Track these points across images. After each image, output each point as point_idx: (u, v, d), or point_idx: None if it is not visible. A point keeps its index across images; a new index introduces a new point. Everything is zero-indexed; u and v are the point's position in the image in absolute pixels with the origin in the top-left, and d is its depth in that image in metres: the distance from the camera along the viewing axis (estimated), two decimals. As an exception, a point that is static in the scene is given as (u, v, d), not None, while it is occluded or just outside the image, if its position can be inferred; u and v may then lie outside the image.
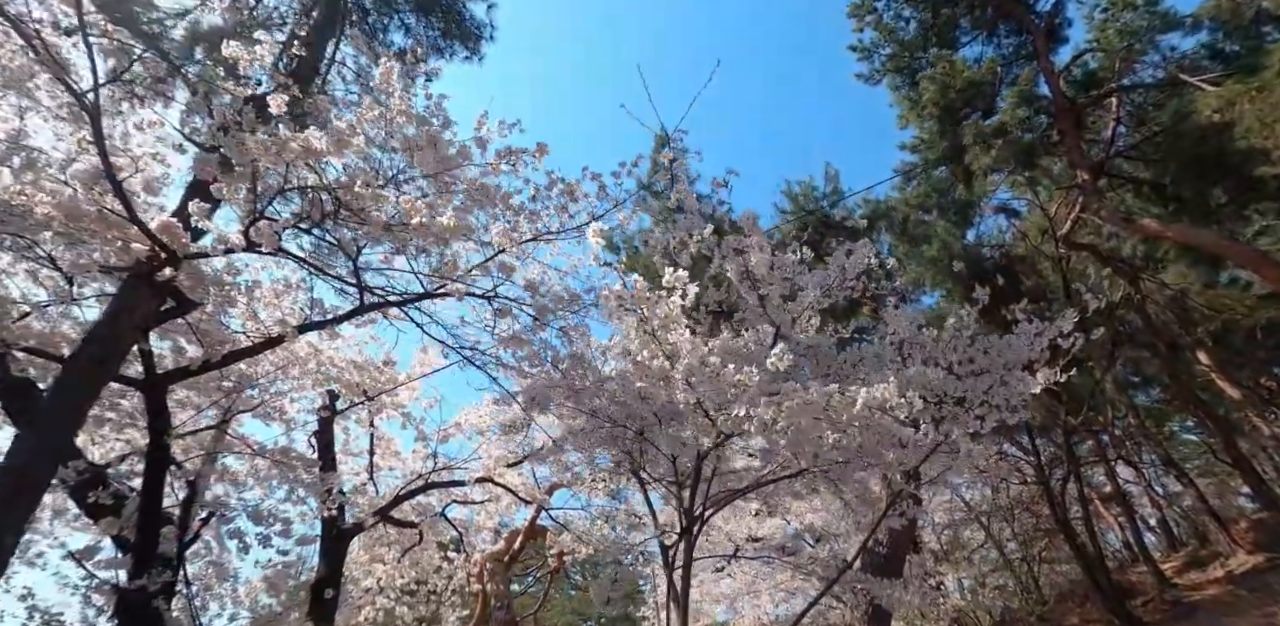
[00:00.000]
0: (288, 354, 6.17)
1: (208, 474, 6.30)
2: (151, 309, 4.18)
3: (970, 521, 14.40)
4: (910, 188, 11.37)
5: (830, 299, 4.18)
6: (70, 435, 3.80)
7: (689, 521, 2.94)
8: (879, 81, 12.13)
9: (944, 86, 9.35)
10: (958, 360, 3.48)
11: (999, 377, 3.74)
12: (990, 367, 3.50)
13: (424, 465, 6.99)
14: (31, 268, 5.41)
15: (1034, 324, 3.60)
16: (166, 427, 4.57)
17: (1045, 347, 3.72)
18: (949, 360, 3.39)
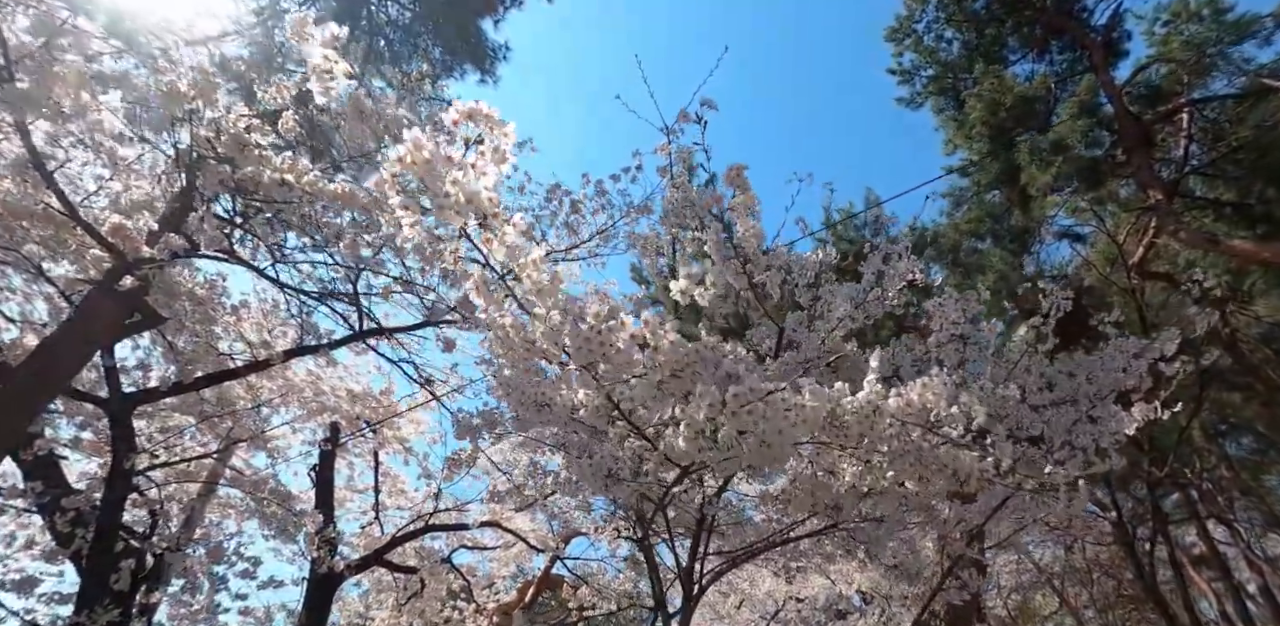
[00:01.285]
0: (284, 382, 5.81)
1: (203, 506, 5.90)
2: (114, 321, 3.87)
3: (1041, 585, 12.80)
4: (960, 213, 10.62)
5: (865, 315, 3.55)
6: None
7: (686, 588, 2.29)
8: (921, 104, 11.61)
9: (993, 104, 8.74)
10: (1033, 384, 2.76)
11: (1084, 411, 3.00)
12: (1076, 395, 2.77)
13: (429, 505, 6.45)
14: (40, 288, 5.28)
15: (1128, 339, 2.87)
16: (131, 452, 4.19)
17: (1144, 373, 2.98)
18: (1021, 382, 2.69)
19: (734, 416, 0.98)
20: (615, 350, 1.04)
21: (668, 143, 3.00)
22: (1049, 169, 7.99)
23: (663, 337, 1.06)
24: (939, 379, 1.18)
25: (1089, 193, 8.76)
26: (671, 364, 1.00)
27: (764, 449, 0.96)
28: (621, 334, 1.05)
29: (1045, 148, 8.13)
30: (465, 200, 1.05)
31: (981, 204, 10.15)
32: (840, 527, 2.25)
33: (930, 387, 1.21)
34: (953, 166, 10.43)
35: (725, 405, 0.97)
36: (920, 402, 1.20)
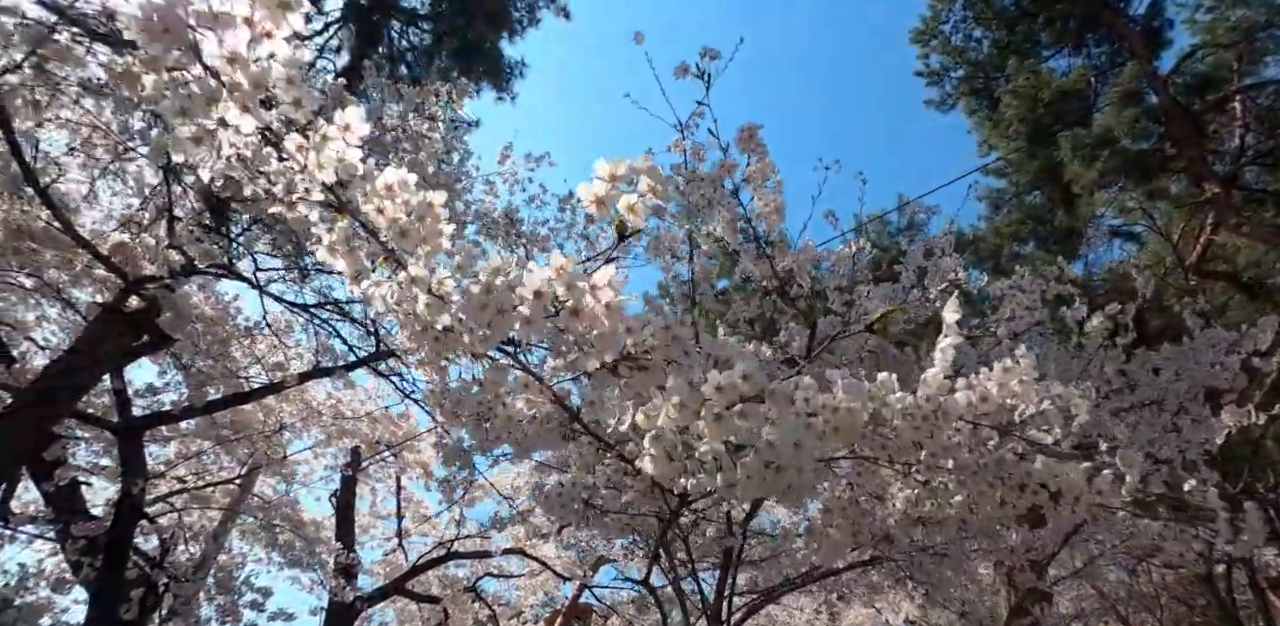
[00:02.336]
0: (303, 405, 5.70)
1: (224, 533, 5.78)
2: (122, 344, 3.78)
3: (1105, 612, 11.79)
4: (1000, 216, 10.15)
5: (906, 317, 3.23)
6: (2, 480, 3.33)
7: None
8: (952, 106, 11.24)
9: (1030, 100, 8.35)
10: (1109, 384, 2.40)
11: (1169, 417, 2.63)
12: (1164, 396, 2.41)
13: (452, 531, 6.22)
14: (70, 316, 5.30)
15: (1216, 330, 2.50)
16: (140, 477, 4.07)
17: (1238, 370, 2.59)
18: (1096, 381, 2.33)
19: (719, 421, 0.64)
20: (522, 321, 0.74)
21: (681, 138, 2.78)
22: (1094, 164, 7.54)
23: (597, 298, 0.71)
24: (1026, 361, 0.90)
25: (1138, 188, 8.24)
26: (610, 341, 0.72)
27: (772, 472, 0.64)
28: (523, 291, 0.73)
29: (1089, 142, 7.69)
30: (251, 84, 0.64)
31: (1022, 205, 9.68)
32: (889, 559, 1.93)
33: (1015, 373, 0.89)
34: (989, 166, 10.00)
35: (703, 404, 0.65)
36: (1000, 396, 0.90)
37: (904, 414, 0.87)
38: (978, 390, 0.90)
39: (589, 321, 0.67)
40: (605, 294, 0.67)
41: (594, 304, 0.67)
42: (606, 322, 0.68)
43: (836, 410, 0.79)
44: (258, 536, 5.14)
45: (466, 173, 5.48)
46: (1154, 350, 2.51)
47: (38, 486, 4.22)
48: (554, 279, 0.66)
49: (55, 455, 4.24)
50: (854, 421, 0.78)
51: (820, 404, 0.78)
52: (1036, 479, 0.89)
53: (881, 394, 0.89)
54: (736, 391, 0.62)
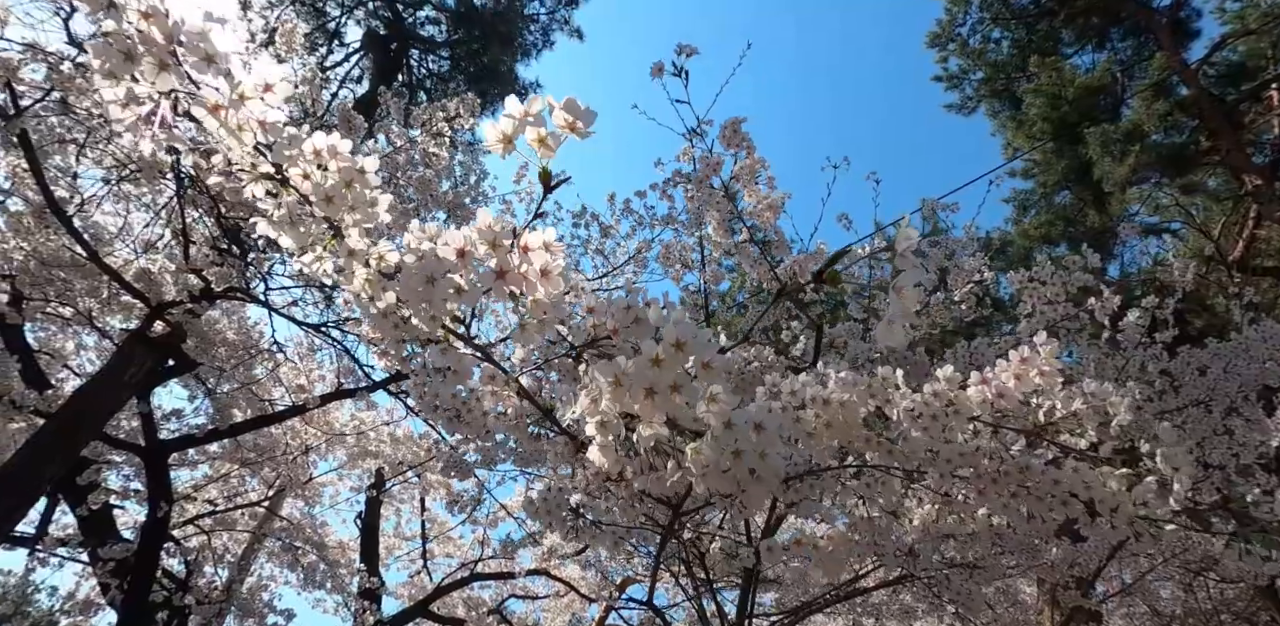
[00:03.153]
0: (327, 426, 5.73)
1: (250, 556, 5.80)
2: (146, 368, 3.85)
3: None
4: (1028, 218, 9.86)
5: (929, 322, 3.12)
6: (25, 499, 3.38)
7: None
8: (974, 109, 11.05)
9: (1053, 98, 8.14)
10: (1152, 385, 2.24)
11: (1219, 418, 2.45)
12: (1212, 396, 2.24)
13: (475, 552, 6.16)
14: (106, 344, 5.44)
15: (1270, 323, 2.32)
16: (167, 500, 4.12)
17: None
18: (1138, 379, 2.18)
19: (651, 399, 0.53)
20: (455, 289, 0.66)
21: (690, 146, 2.73)
22: (1124, 160, 7.29)
23: (529, 260, 0.62)
24: (1047, 349, 0.80)
25: (1173, 183, 7.94)
26: (544, 309, 0.64)
27: (729, 461, 0.54)
28: (446, 252, 0.64)
29: (1118, 138, 7.45)
30: (161, 38, 0.57)
31: (1051, 206, 9.40)
32: (917, 578, 1.80)
33: (1034, 364, 0.80)
34: (1016, 168, 9.76)
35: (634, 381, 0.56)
36: (1020, 391, 0.80)
37: (911, 413, 0.78)
38: (994, 383, 0.81)
39: (517, 285, 0.61)
40: (539, 256, 0.60)
41: (526, 268, 0.61)
42: (541, 289, 0.61)
43: (828, 403, 0.72)
44: (283, 559, 5.15)
45: (483, 193, 5.52)
46: (1199, 347, 2.34)
47: (72, 510, 4.31)
48: (476, 238, 0.60)
49: (88, 479, 4.32)
50: (849, 416, 0.70)
51: (810, 396, 0.70)
52: (1066, 488, 0.79)
53: (884, 390, 0.80)
54: (674, 364, 0.55)
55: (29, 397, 4.10)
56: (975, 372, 0.82)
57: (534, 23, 9.51)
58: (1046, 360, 0.80)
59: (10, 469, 3.26)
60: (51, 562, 3.99)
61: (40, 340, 5.36)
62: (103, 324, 4.87)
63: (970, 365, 2.21)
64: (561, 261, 0.62)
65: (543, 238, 0.62)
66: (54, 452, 3.31)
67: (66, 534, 4.85)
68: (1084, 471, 0.79)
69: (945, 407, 0.79)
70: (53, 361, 5.24)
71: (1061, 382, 0.81)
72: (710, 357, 0.57)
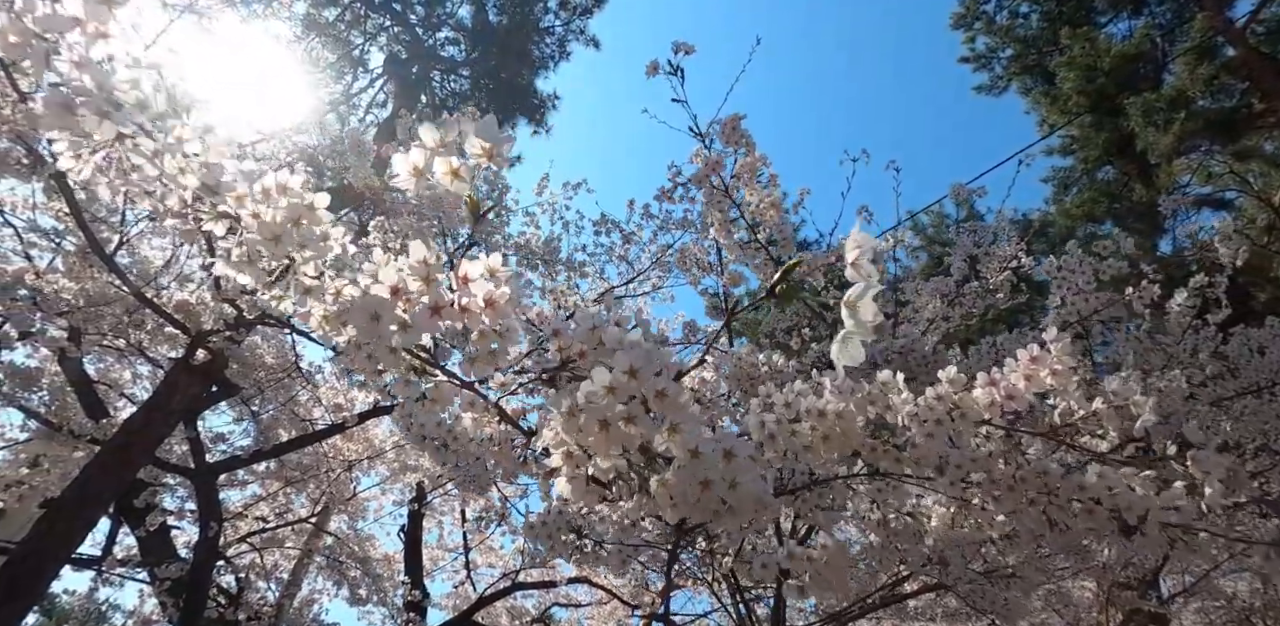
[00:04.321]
0: (366, 443, 5.85)
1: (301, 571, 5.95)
2: (193, 394, 3.99)
3: (1241, 622, 10.35)
4: (1069, 197, 9.45)
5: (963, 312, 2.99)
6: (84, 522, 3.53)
7: None
8: (1005, 89, 10.66)
9: (1088, 69, 7.78)
10: (1203, 370, 2.07)
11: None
12: (1273, 381, 2.06)
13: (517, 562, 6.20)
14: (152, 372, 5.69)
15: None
16: (217, 519, 4.26)
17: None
18: (1187, 368, 2.02)
19: (605, 431, 0.50)
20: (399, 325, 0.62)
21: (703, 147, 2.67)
22: (1170, 129, 6.90)
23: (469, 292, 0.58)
24: (1060, 346, 0.73)
25: (1225, 150, 7.48)
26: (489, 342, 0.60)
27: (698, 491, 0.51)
28: (379, 290, 0.61)
29: (1161, 106, 7.06)
30: (95, 87, 0.57)
31: (1093, 183, 8.98)
32: (950, 588, 1.69)
33: (1045, 362, 0.73)
34: (1054, 146, 9.37)
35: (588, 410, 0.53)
36: (1030, 391, 0.73)
37: (916, 418, 0.72)
38: (1004, 383, 0.74)
39: (455, 319, 0.58)
40: (480, 286, 0.57)
41: (468, 300, 0.57)
42: (486, 320, 0.58)
43: (824, 414, 0.66)
44: (330, 574, 5.27)
45: (506, 206, 5.57)
46: (1257, 326, 2.17)
47: (131, 531, 4.50)
48: (408, 274, 0.57)
49: (144, 502, 4.50)
50: (847, 427, 0.65)
51: (805, 408, 0.65)
52: (1090, 494, 0.72)
53: (883, 395, 0.74)
54: (626, 394, 0.51)
55: (86, 427, 4.30)
56: (983, 373, 0.75)
57: (549, 35, 9.59)
58: (1059, 358, 0.73)
59: (69, 494, 3.41)
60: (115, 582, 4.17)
61: (100, 371, 5.63)
62: (155, 353, 5.09)
63: (996, 362, 2.08)
64: (507, 289, 0.59)
65: (484, 266, 0.59)
66: (108, 477, 3.45)
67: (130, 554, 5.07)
68: (1107, 476, 0.71)
69: (950, 412, 0.72)
70: (110, 391, 5.50)
71: (1078, 381, 0.74)
72: (665, 386, 0.53)
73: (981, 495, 0.77)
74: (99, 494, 3.45)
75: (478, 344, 0.58)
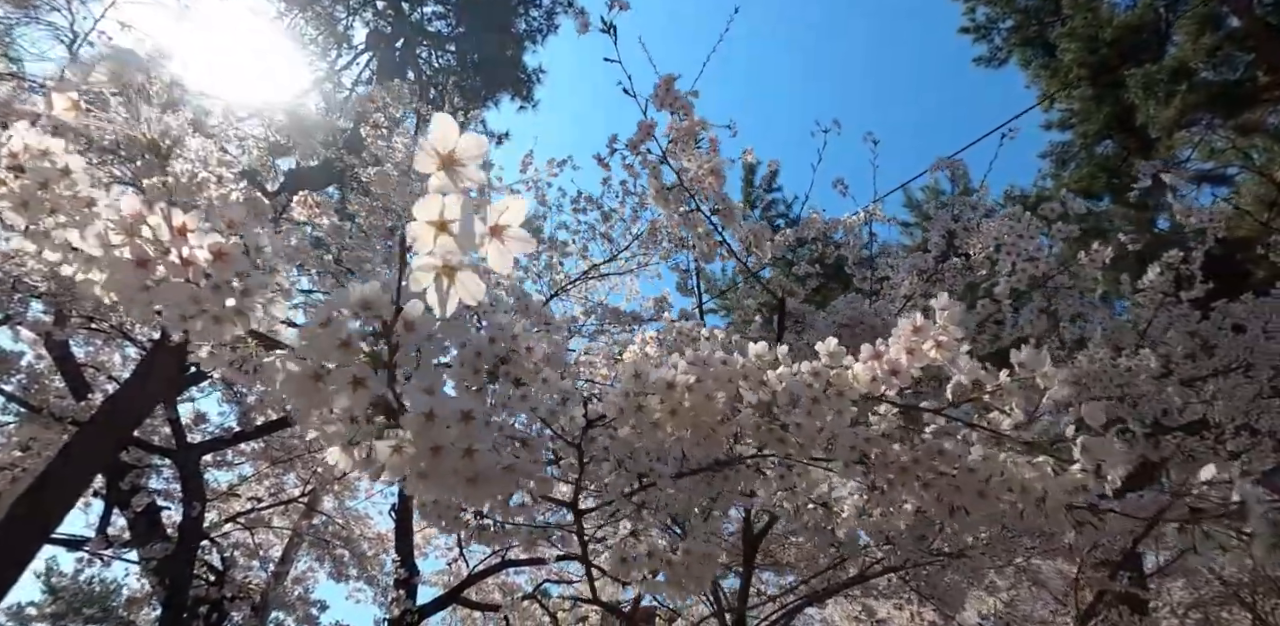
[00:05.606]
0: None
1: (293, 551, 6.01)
2: (170, 374, 3.97)
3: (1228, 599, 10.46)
4: (1066, 172, 9.29)
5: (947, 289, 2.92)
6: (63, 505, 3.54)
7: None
8: (1005, 61, 10.40)
9: (1089, 40, 7.57)
10: (1179, 347, 2.02)
11: (1266, 380, 2.23)
12: (1249, 359, 2.01)
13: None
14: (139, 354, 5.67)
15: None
16: (200, 500, 4.28)
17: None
18: (1162, 347, 1.97)
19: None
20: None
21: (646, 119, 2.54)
22: (1171, 102, 6.74)
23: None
24: (948, 313, 0.67)
25: (1227, 123, 7.32)
26: (229, 283, 0.53)
27: (434, 466, 0.46)
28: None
29: (1163, 78, 6.88)
30: None
31: (1092, 158, 8.82)
32: (896, 571, 1.66)
33: (927, 332, 0.66)
34: (1051, 121, 9.19)
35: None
36: (914, 365, 0.68)
37: (790, 396, 0.67)
38: (886, 356, 0.69)
39: (177, 274, 0.52)
40: (202, 238, 0.49)
41: (192, 252, 0.51)
42: (215, 273, 0.52)
43: (672, 387, 0.62)
44: (319, 553, 5.32)
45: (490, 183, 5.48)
46: (1235, 302, 2.11)
47: (121, 512, 4.53)
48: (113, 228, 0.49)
49: (131, 482, 4.51)
50: (699, 402, 0.60)
51: (653, 379, 0.60)
52: (981, 475, 0.67)
53: (757, 370, 0.69)
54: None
55: (67, 409, 4.29)
56: (867, 346, 0.70)
57: (536, 8, 9.34)
58: (944, 329, 0.67)
59: (46, 474, 3.41)
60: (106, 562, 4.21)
61: (88, 355, 5.62)
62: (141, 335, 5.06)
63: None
64: (239, 241, 0.53)
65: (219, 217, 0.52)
66: (87, 457, 3.45)
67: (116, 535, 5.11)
68: (991, 457, 0.66)
69: (828, 389, 0.67)
70: (98, 374, 5.49)
71: (969, 353, 0.68)
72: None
73: (876, 478, 0.72)
74: (78, 472, 3.45)
75: (208, 302, 0.52)
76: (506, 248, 0.48)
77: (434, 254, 0.43)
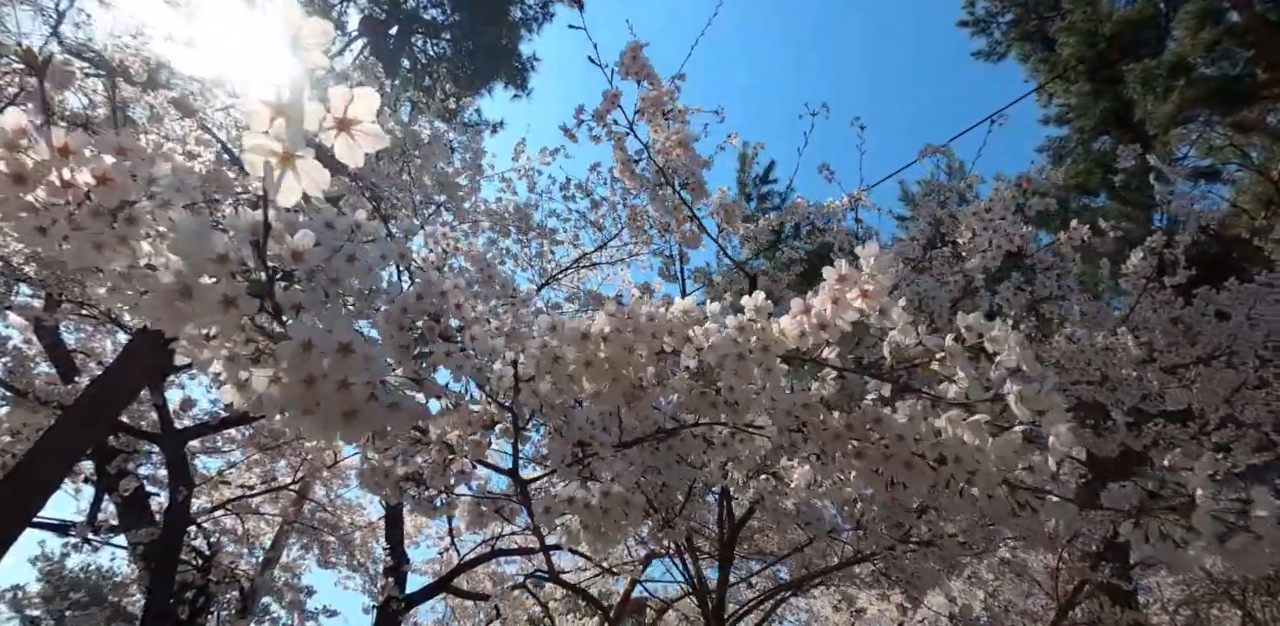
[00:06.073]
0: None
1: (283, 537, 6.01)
2: (155, 360, 3.95)
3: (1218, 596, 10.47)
4: (1064, 168, 9.26)
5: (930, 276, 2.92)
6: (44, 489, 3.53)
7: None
8: (1004, 55, 10.37)
9: (1088, 35, 7.53)
10: (1162, 333, 2.00)
11: (1251, 369, 2.21)
12: (1232, 346, 1.99)
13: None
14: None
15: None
16: (186, 485, 4.27)
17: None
18: (1145, 332, 1.94)
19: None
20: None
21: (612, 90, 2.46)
22: (1169, 97, 6.70)
23: None
24: (876, 261, 0.65)
25: (1225, 120, 7.29)
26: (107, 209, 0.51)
27: (304, 397, 0.44)
28: None
29: (1161, 73, 6.85)
30: None
31: (1088, 153, 8.79)
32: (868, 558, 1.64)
33: (853, 281, 0.64)
34: (1049, 116, 9.16)
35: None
36: (840, 313, 0.64)
37: (715, 352, 0.65)
38: (808, 305, 0.66)
39: (58, 195, 0.50)
40: (89, 160, 0.46)
41: (74, 174, 0.49)
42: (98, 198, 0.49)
43: (585, 337, 0.59)
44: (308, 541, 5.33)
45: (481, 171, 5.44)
46: (1218, 290, 2.09)
47: (109, 497, 4.52)
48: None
49: (118, 467, 4.50)
50: (615, 354, 0.58)
51: (568, 331, 0.58)
52: (910, 442, 0.64)
53: (683, 326, 0.66)
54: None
55: (53, 393, 4.27)
56: (796, 300, 0.68)
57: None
58: (871, 277, 0.64)
59: (31, 457, 3.40)
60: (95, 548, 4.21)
61: (80, 341, 5.60)
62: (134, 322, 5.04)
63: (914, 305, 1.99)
64: (129, 165, 0.50)
65: (108, 143, 0.50)
66: (70, 440, 3.43)
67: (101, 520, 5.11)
68: (917, 418, 0.64)
69: (756, 345, 0.65)
70: (88, 359, 5.47)
71: (902, 305, 0.66)
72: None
73: (812, 447, 0.70)
74: (59, 457, 3.44)
75: (86, 225, 0.50)
76: (356, 142, 0.46)
77: (268, 135, 0.42)
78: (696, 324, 0.68)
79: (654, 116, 1.58)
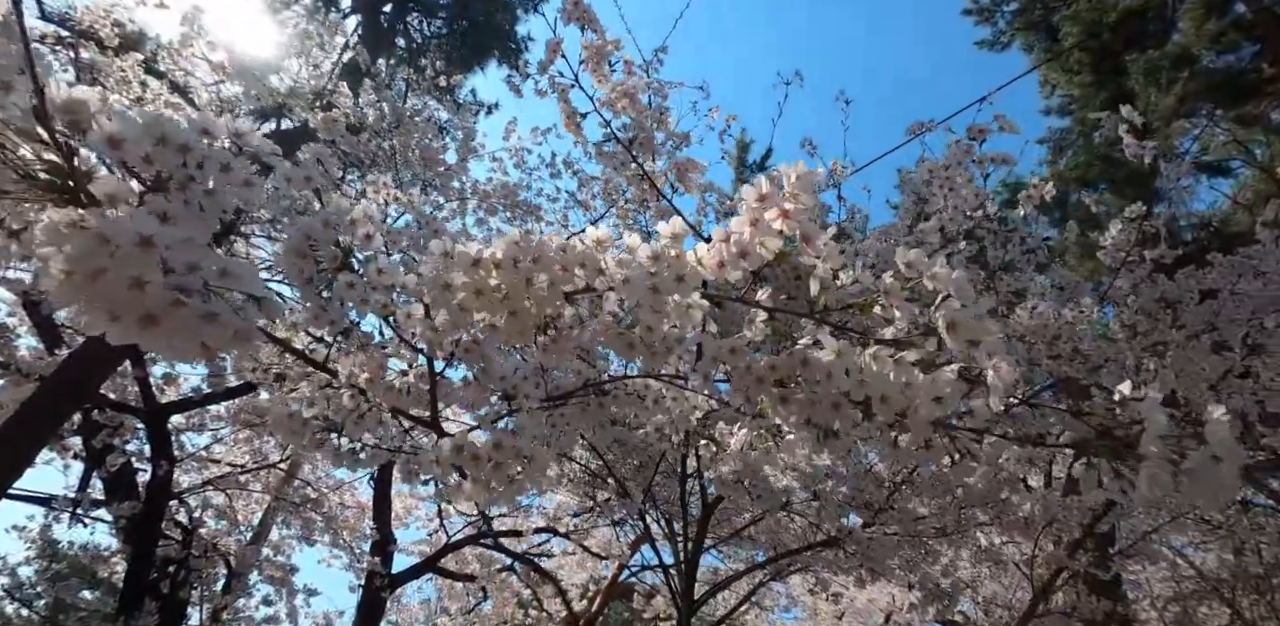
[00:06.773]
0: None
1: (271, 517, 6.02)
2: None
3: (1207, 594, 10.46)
4: (1064, 161, 9.18)
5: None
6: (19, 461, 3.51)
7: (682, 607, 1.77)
8: (1007, 45, 10.24)
9: (1092, 25, 7.42)
10: (1141, 309, 1.95)
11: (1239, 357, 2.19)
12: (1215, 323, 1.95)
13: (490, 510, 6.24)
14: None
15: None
16: (168, 459, 4.26)
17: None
18: (1123, 311, 1.90)
19: None
20: None
21: (554, 39, 2.37)
22: (1172, 89, 6.62)
23: None
24: (799, 179, 0.58)
25: (1228, 113, 7.21)
26: None
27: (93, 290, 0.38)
28: None
29: (1165, 64, 6.75)
30: None
31: (1090, 146, 8.70)
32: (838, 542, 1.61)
33: (771, 203, 0.57)
34: (1050, 107, 9.06)
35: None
36: (759, 237, 0.58)
37: (625, 284, 0.60)
38: (733, 238, 0.62)
39: None
40: None
41: None
42: None
43: (477, 264, 0.55)
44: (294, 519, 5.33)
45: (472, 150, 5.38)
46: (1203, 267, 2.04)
47: (96, 472, 4.52)
48: None
49: (103, 442, 4.49)
50: (510, 281, 0.54)
51: (458, 256, 0.54)
52: (838, 382, 0.60)
53: (594, 257, 0.62)
54: None
55: (35, 365, 4.24)
56: (716, 229, 0.64)
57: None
58: (793, 196, 0.60)
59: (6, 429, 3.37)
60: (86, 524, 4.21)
61: (72, 319, 5.56)
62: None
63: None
64: None
65: None
66: (48, 416, 3.41)
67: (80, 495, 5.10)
68: (845, 353, 0.60)
69: (668, 275, 0.61)
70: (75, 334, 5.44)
71: (830, 233, 0.62)
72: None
73: (738, 394, 0.66)
74: (36, 428, 3.41)
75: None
76: None
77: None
78: (608, 249, 0.64)
79: (598, 67, 1.51)
